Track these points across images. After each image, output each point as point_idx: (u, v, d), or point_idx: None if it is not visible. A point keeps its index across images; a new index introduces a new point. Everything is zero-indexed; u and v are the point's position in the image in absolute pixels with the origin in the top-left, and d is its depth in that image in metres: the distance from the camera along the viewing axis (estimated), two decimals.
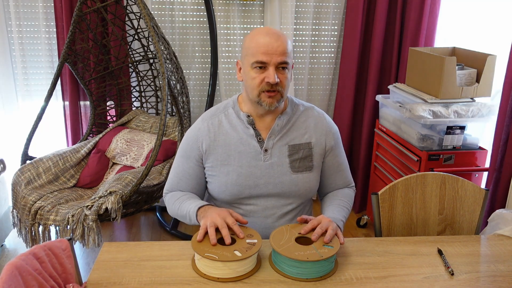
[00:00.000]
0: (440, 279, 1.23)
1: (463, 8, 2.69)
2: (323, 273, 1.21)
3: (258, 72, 1.35)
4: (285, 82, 1.36)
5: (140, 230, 2.97)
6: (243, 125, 1.44)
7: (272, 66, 1.33)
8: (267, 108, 1.38)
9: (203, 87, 3.18)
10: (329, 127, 1.51)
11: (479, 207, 1.62)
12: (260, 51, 1.32)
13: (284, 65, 1.34)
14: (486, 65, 2.29)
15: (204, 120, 1.48)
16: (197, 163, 1.47)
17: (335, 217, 1.40)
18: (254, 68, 1.35)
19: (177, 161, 1.52)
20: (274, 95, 1.36)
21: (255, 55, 1.33)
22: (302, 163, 1.45)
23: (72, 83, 2.89)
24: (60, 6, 2.76)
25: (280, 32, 1.37)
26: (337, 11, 3.08)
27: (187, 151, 1.48)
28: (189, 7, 2.98)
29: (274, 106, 1.38)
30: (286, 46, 1.34)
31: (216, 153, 1.44)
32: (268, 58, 1.32)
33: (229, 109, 1.48)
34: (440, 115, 2.29)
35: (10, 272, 0.94)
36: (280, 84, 1.35)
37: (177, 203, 1.45)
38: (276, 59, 1.32)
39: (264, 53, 1.32)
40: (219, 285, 1.17)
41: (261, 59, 1.32)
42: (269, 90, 1.34)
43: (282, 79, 1.35)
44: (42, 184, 2.39)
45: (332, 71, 3.22)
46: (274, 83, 1.33)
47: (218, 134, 1.45)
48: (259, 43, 1.33)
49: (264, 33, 1.34)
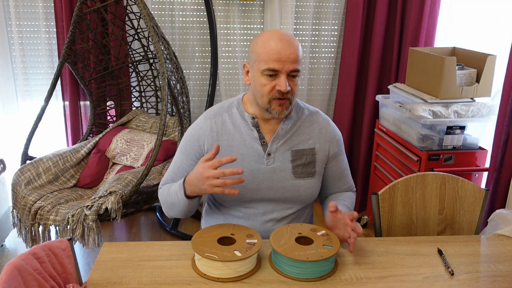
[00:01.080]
0: (440, 279, 1.23)
1: (463, 8, 2.69)
2: (323, 273, 1.21)
3: (269, 79, 1.31)
4: (295, 89, 1.34)
5: (140, 230, 2.97)
6: (247, 126, 1.42)
7: (283, 74, 1.30)
8: (276, 116, 1.36)
9: (203, 87, 3.18)
10: (334, 134, 1.49)
11: (479, 207, 1.62)
12: (272, 58, 1.28)
13: (295, 73, 1.32)
14: (486, 65, 2.29)
15: (206, 119, 1.45)
16: (197, 160, 1.44)
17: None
18: (265, 75, 1.31)
19: (176, 156, 1.50)
20: (284, 103, 1.34)
21: (267, 62, 1.29)
22: (304, 169, 1.44)
23: (72, 83, 2.89)
24: (60, 6, 2.76)
25: (292, 37, 1.32)
26: (337, 11, 3.08)
27: (188, 147, 1.46)
28: (189, 7, 2.98)
29: (283, 114, 1.36)
30: (298, 53, 1.31)
31: (218, 154, 1.42)
32: (280, 66, 1.29)
33: (233, 108, 1.45)
34: (440, 115, 2.29)
35: (10, 272, 0.94)
36: (291, 91, 1.32)
37: (166, 190, 1.43)
38: (288, 67, 1.29)
39: (277, 60, 1.28)
40: (219, 285, 1.17)
41: (273, 67, 1.28)
42: (279, 98, 1.32)
43: (293, 86, 1.33)
44: (42, 184, 2.39)
45: (332, 71, 3.22)
46: (285, 92, 1.31)
47: (221, 134, 1.43)
48: (272, 49, 1.28)
49: (277, 39, 1.29)
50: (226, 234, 1.28)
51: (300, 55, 1.33)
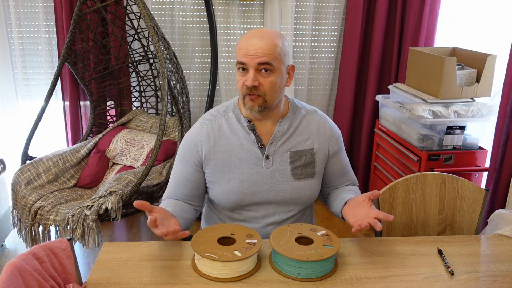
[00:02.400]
0: (440, 279, 1.23)
1: (463, 8, 2.69)
2: (323, 273, 1.21)
3: (242, 74, 1.31)
4: (268, 86, 1.29)
5: (140, 230, 2.97)
6: (243, 130, 1.40)
7: (251, 68, 1.27)
8: (249, 111, 1.34)
9: (203, 87, 3.18)
10: (332, 132, 1.47)
11: (479, 207, 1.62)
12: (241, 53, 1.28)
13: (266, 66, 1.27)
14: (486, 65, 2.29)
15: (203, 124, 1.43)
16: (196, 168, 1.43)
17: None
18: (239, 70, 1.31)
19: (175, 165, 1.48)
20: (255, 98, 1.31)
21: (237, 56, 1.30)
22: (304, 170, 1.42)
23: (72, 83, 2.89)
24: (60, 6, 2.76)
25: (269, 33, 1.29)
26: (337, 11, 3.08)
27: (186, 155, 1.44)
28: (189, 7, 2.98)
29: (255, 110, 1.32)
30: (271, 46, 1.27)
31: (216, 159, 1.40)
32: (247, 60, 1.27)
33: (229, 112, 1.43)
34: (440, 115, 2.29)
35: (10, 272, 0.94)
36: (262, 88, 1.29)
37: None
38: (255, 61, 1.26)
39: (244, 54, 1.27)
40: (219, 285, 1.17)
41: (240, 60, 1.28)
42: (249, 93, 1.30)
43: (265, 83, 1.29)
44: (42, 184, 2.39)
45: (332, 71, 3.23)
46: (250, 86, 1.28)
47: (218, 139, 1.41)
48: (242, 44, 1.29)
49: (251, 35, 1.29)
50: (226, 234, 1.28)
51: (277, 51, 1.28)
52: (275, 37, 1.29)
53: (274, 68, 1.29)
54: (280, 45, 1.29)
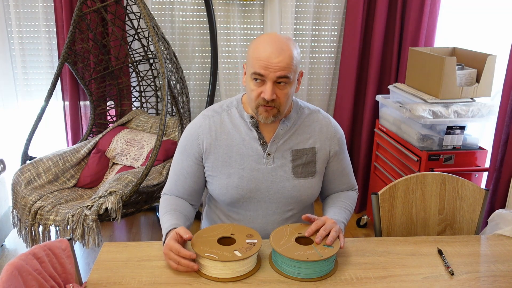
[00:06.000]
0: (440, 279, 1.23)
1: (463, 8, 2.69)
2: (323, 273, 1.21)
3: (257, 84, 1.30)
4: (284, 98, 1.30)
5: (140, 230, 2.97)
6: (246, 126, 1.41)
7: (270, 81, 1.27)
8: (262, 121, 1.35)
9: (203, 87, 3.18)
10: (334, 132, 1.47)
11: (479, 207, 1.62)
12: (259, 64, 1.26)
13: (284, 80, 1.28)
14: (486, 65, 2.29)
15: (205, 117, 1.44)
16: (196, 161, 1.43)
17: (337, 219, 1.38)
18: (253, 80, 1.30)
19: (176, 158, 1.48)
20: (270, 109, 1.32)
21: (255, 67, 1.27)
22: (305, 169, 1.42)
23: (72, 83, 2.89)
24: (60, 6, 2.76)
25: (287, 44, 1.28)
26: (337, 11, 3.08)
27: (187, 148, 1.44)
28: (189, 7, 2.98)
29: (270, 120, 1.34)
30: (289, 61, 1.26)
31: (217, 153, 1.41)
32: (266, 73, 1.26)
33: (232, 108, 1.43)
34: (440, 115, 2.29)
35: (10, 272, 0.94)
36: (278, 100, 1.30)
37: (162, 211, 1.41)
38: (275, 75, 1.26)
39: (263, 67, 1.26)
40: (219, 285, 1.17)
41: (259, 71, 1.27)
42: (265, 105, 1.31)
43: (281, 95, 1.30)
44: (42, 184, 2.39)
45: (332, 71, 3.22)
46: (269, 100, 1.28)
47: (220, 133, 1.41)
48: (260, 55, 1.26)
49: (269, 44, 1.27)
50: (226, 234, 1.28)
51: (294, 62, 1.28)
52: (291, 48, 1.29)
53: (290, 81, 1.30)
54: (295, 56, 1.30)
